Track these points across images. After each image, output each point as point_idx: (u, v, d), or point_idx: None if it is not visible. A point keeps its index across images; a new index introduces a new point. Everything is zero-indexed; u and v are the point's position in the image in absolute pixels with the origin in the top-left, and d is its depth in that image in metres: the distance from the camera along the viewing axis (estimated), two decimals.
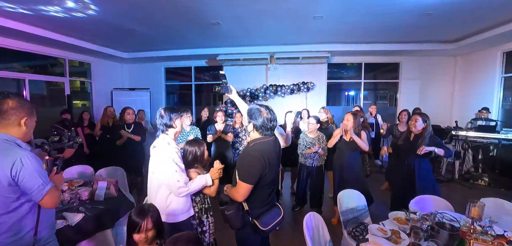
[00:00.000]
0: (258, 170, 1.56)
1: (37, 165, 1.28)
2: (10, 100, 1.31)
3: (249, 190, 1.57)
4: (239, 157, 1.73)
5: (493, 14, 4.04)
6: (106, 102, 6.85)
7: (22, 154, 1.24)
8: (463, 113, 6.11)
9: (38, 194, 1.26)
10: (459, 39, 5.47)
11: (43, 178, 1.28)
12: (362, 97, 7.20)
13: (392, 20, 4.31)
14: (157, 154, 1.78)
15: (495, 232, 1.72)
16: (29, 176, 1.24)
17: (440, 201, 2.33)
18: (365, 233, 1.84)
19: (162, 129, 1.83)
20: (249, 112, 1.68)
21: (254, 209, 1.65)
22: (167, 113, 1.81)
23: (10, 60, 5.11)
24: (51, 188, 1.31)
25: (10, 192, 1.23)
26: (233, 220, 1.63)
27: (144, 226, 1.37)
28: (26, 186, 1.24)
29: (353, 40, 5.68)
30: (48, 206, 1.33)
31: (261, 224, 1.61)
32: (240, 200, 1.60)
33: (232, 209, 1.62)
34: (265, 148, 1.62)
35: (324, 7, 3.81)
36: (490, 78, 5.61)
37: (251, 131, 1.68)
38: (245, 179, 1.56)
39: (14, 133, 1.30)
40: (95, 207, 2.14)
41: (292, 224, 3.37)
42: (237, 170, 1.64)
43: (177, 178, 1.71)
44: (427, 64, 6.61)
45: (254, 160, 1.56)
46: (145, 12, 3.91)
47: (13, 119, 1.29)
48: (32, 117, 1.38)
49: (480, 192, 4.29)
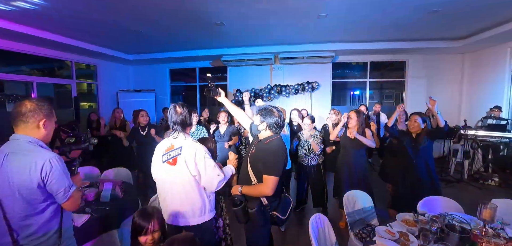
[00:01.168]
0: (282, 163, 1.72)
1: (64, 167, 1.29)
2: (29, 102, 1.28)
3: (276, 183, 1.69)
4: (259, 155, 1.75)
5: (501, 10, 3.94)
6: (112, 104, 6.93)
7: (50, 156, 1.24)
8: (472, 112, 5.98)
9: (64, 196, 1.27)
10: (467, 36, 5.36)
11: (68, 180, 1.30)
12: (368, 96, 7.12)
13: (398, 18, 4.25)
14: (189, 153, 1.63)
15: (507, 235, 1.67)
16: (57, 178, 1.25)
17: (449, 202, 2.27)
18: (372, 235, 1.80)
19: (179, 128, 1.68)
20: (261, 112, 1.80)
21: (272, 202, 1.75)
22: (186, 110, 1.69)
23: (19, 63, 5.21)
24: (75, 190, 1.33)
25: (38, 193, 1.24)
26: (257, 217, 1.72)
27: (151, 228, 1.37)
28: (53, 188, 1.25)
29: (358, 39, 5.61)
30: (71, 208, 1.34)
31: (280, 213, 1.74)
32: (270, 193, 1.68)
33: (255, 206, 1.72)
34: (281, 143, 1.77)
35: (329, 6, 3.77)
36: (499, 76, 5.48)
37: (263, 130, 1.79)
38: (273, 173, 1.67)
39: (34, 134, 1.29)
40: (101, 208, 2.16)
41: (296, 226, 3.34)
42: (262, 166, 1.70)
43: (217, 172, 1.67)
44: (434, 62, 6.49)
45: (279, 154, 1.70)
46: (149, 14, 3.93)
47: (32, 121, 1.27)
48: (51, 118, 1.36)
49: (491, 193, 4.18)
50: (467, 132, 4.80)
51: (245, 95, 2.57)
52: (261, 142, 1.80)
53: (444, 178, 4.87)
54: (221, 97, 2.05)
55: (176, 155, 1.66)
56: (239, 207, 1.72)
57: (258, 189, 1.72)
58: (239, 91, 6.67)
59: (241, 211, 1.72)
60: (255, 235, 1.81)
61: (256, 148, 1.81)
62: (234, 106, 2.13)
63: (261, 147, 1.77)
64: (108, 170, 3.13)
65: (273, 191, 1.68)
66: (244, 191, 1.77)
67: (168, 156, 1.69)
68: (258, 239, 1.82)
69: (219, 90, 2.02)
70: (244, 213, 1.74)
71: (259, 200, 1.73)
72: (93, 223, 1.96)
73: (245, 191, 1.77)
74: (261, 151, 1.75)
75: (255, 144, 1.85)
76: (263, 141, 1.79)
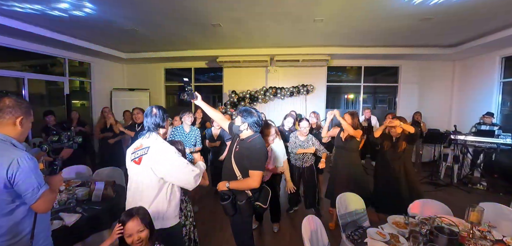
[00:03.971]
0: (265, 158, 1.92)
1: (34, 167, 1.24)
2: (7, 98, 1.27)
3: (262, 176, 1.88)
4: (243, 153, 1.91)
5: (491, 20, 4.06)
6: (106, 102, 6.83)
7: (19, 155, 1.20)
8: (462, 118, 6.13)
9: (32, 197, 1.22)
10: (457, 44, 5.50)
11: (38, 180, 1.25)
12: (362, 100, 7.21)
13: (392, 24, 4.33)
14: (157, 154, 1.61)
15: (494, 237, 1.72)
16: (25, 178, 1.20)
17: (439, 205, 2.32)
18: (364, 237, 1.83)
19: (152, 128, 1.69)
20: (242, 113, 1.96)
21: (254, 193, 1.94)
22: (160, 112, 1.72)
23: (10, 59, 5.10)
24: (46, 191, 1.26)
25: (6, 194, 1.20)
26: (245, 208, 1.88)
27: (135, 228, 1.35)
28: (21, 189, 1.20)
29: (353, 44, 5.69)
30: (41, 210, 1.28)
31: (262, 203, 1.94)
32: (257, 186, 1.87)
33: (243, 199, 1.87)
34: (262, 141, 1.95)
35: (325, 11, 3.82)
36: (489, 83, 5.63)
37: (245, 130, 1.95)
38: (258, 168, 1.86)
39: (9, 132, 1.26)
40: (92, 207, 2.13)
41: (289, 227, 3.35)
42: (247, 162, 1.87)
43: (191, 168, 1.65)
44: (427, 68, 6.63)
45: (262, 151, 1.89)
46: (146, 13, 3.91)
47: (8, 118, 1.25)
48: (29, 117, 1.34)
49: (479, 197, 4.28)
50: (457, 137, 4.91)
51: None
52: (244, 141, 1.95)
53: (434, 182, 4.97)
54: (198, 101, 2.06)
55: (142, 154, 1.63)
56: (228, 201, 1.87)
57: (246, 183, 1.89)
58: (234, 92, 6.67)
59: (230, 205, 1.88)
60: (243, 225, 2.02)
61: (239, 147, 1.96)
62: (211, 109, 2.18)
63: (245, 146, 1.92)
64: (100, 169, 3.09)
65: (260, 184, 1.88)
66: (232, 186, 1.92)
67: (135, 155, 1.66)
68: (245, 228, 2.04)
69: (196, 94, 2.04)
70: (233, 206, 1.89)
71: (245, 193, 1.90)
72: (84, 222, 1.94)
73: (233, 186, 1.92)
74: (245, 150, 1.91)
75: (238, 143, 1.99)
76: (246, 140, 1.94)
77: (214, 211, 3.73)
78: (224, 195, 1.90)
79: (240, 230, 2.05)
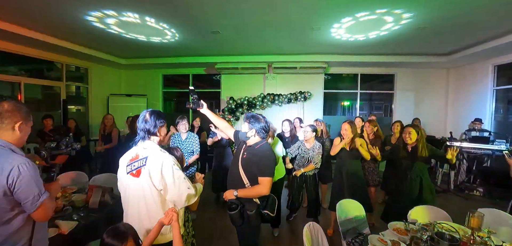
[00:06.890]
0: (274, 165, 1.90)
1: (35, 173, 1.20)
2: (6, 102, 1.23)
3: (271, 183, 1.86)
4: (251, 159, 1.88)
5: (484, 29, 4.17)
6: (103, 108, 6.78)
7: (19, 161, 1.16)
8: (457, 124, 6.21)
9: (32, 206, 1.18)
10: (451, 53, 5.62)
11: (39, 187, 1.21)
12: (358, 107, 7.28)
13: (387, 33, 4.41)
14: (157, 165, 1.48)
15: (494, 243, 1.72)
16: (26, 185, 1.16)
17: (438, 211, 2.33)
18: (364, 244, 1.82)
19: (143, 135, 1.55)
20: (249, 120, 1.93)
21: (262, 201, 1.90)
22: (153, 118, 1.56)
23: (5, 63, 5.04)
24: (46, 199, 1.23)
25: (5, 202, 1.15)
26: (254, 217, 1.84)
27: None
28: (21, 197, 1.16)
29: (350, 52, 5.78)
30: (41, 218, 1.24)
31: (270, 211, 1.89)
32: (267, 193, 1.84)
33: (253, 208, 1.83)
34: (270, 147, 1.93)
35: (322, 20, 3.88)
36: (482, 91, 5.75)
37: (252, 136, 1.92)
38: (268, 174, 1.83)
39: (8, 137, 1.22)
40: (89, 215, 2.09)
41: (289, 235, 3.33)
42: (257, 169, 1.84)
43: (187, 185, 1.53)
44: (422, 76, 6.75)
45: (271, 157, 1.87)
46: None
47: (7, 122, 1.21)
48: (28, 122, 1.31)
49: (476, 203, 4.31)
50: (453, 143, 4.97)
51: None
52: (252, 147, 1.93)
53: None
54: (203, 109, 2.05)
55: (140, 166, 1.50)
56: (236, 210, 1.82)
57: (255, 190, 1.85)
58: (232, 98, 6.68)
59: (238, 214, 1.83)
60: (251, 235, 1.95)
61: (247, 153, 1.91)
62: (216, 117, 2.17)
63: (253, 152, 1.89)
64: (96, 175, 3.04)
65: (269, 191, 1.83)
66: (240, 194, 1.86)
67: (132, 167, 1.53)
68: (253, 238, 1.97)
69: (202, 102, 2.03)
70: (241, 215, 1.85)
71: (254, 201, 1.86)
72: (81, 230, 1.89)
73: (242, 194, 1.86)
74: (254, 156, 1.88)
75: (245, 150, 1.95)
76: (254, 146, 1.92)
77: (212, 218, 3.69)
78: (232, 204, 1.83)
79: (247, 240, 1.98)
